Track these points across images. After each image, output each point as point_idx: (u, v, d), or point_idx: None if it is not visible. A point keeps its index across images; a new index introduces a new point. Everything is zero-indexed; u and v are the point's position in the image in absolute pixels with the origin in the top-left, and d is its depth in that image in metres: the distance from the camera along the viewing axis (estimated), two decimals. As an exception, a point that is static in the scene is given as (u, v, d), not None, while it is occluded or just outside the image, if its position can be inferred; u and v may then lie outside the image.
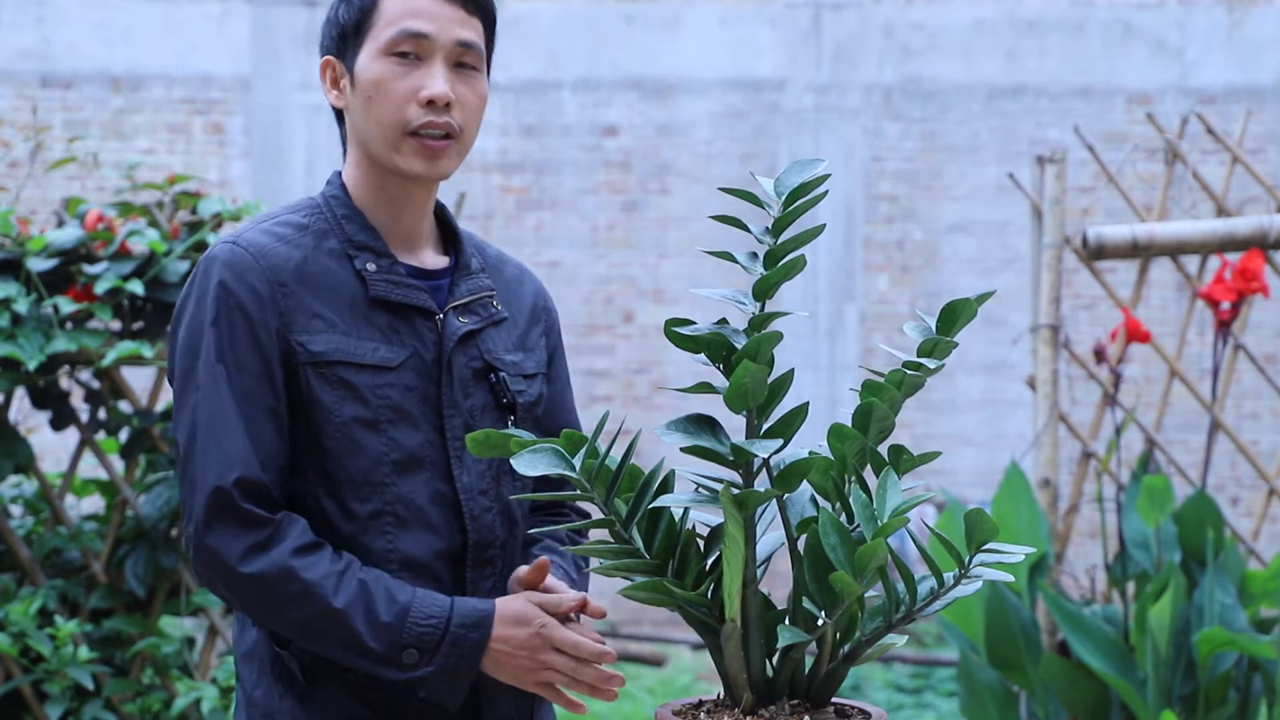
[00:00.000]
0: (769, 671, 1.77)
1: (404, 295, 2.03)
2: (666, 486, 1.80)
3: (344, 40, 2.05)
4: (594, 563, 2.18)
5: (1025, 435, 8.42)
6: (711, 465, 1.77)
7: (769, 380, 1.73)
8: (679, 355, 8.89)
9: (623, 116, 9.35)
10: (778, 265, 1.76)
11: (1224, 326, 4.37)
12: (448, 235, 2.16)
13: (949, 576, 1.72)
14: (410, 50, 2.00)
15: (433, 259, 2.12)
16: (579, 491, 1.77)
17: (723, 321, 1.77)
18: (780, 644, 1.72)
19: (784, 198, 1.78)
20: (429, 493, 2.01)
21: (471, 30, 2.04)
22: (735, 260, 1.78)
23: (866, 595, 1.75)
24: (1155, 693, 3.92)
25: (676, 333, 1.73)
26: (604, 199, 9.37)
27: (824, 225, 1.80)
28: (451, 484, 2.03)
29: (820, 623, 1.72)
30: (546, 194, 9.38)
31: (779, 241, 1.77)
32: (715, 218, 1.80)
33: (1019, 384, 8.78)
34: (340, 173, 2.12)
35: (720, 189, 1.80)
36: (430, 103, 2.00)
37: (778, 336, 1.71)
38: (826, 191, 1.78)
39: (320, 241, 2.03)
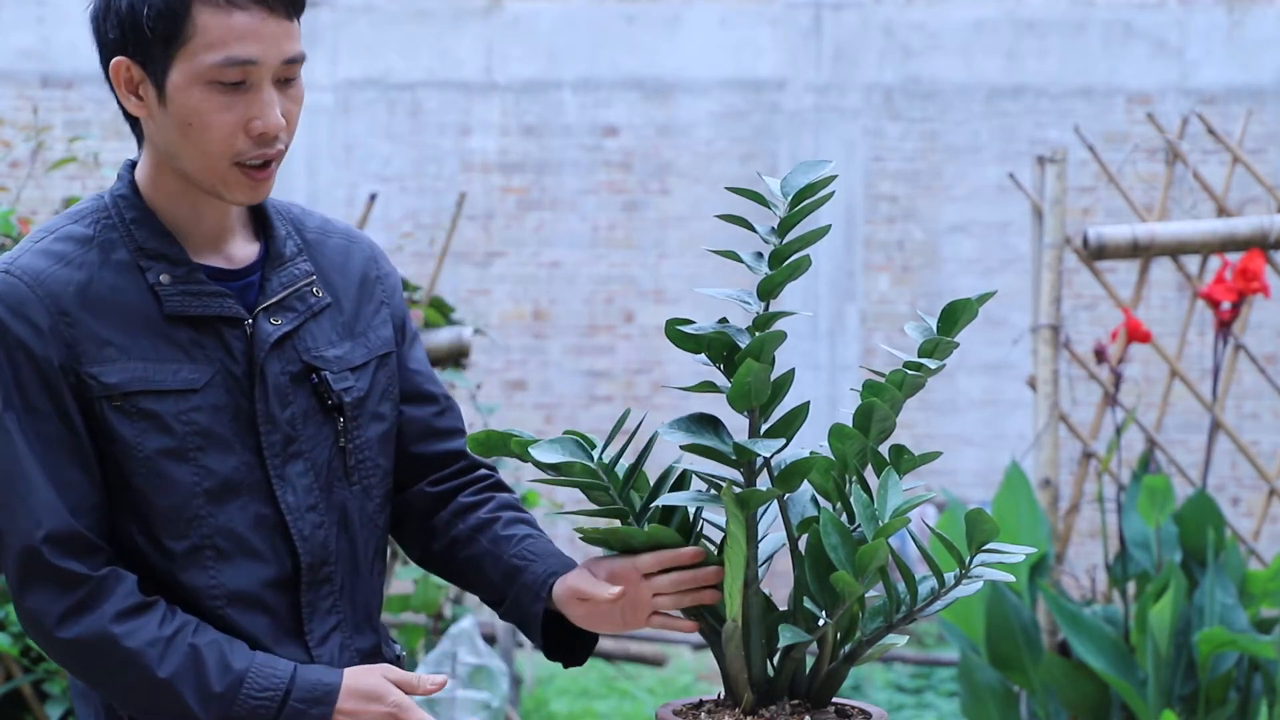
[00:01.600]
0: (770, 671, 1.77)
1: (204, 307, 1.83)
2: (682, 485, 1.81)
3: (144, 45, 1.78)
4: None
5: (1026, 435, 8.42)
6: (713, 464, 1.78)
7: (771, 380, 1.73)
8: (680, 355, 8.89)
9: (623, 116, 9.36)
10: (783, 265, 1.76)
11: (1224, 326, 4.37)
12: (259, 217, 1.94)
13: (950, 576, 1.72)
14: (238, 78, 1.77)
15: (242, 250, 1.90)
16: (592, 480, 1.79)
17: (724, 321, 1.77)
18: (781, 644, 1.73)
19: (790, 198, 1.78)
20: (249, 519, 1.84)
21: (295, 40, 1.81)
22: (741, 260, 1.79)
23: (867, 595, 1.75)
24: (1156, 693, 3.92)
25: (678, 332, 1.74)
26: (604, 199, 9.37)
27: (829, 226, 1.80)
28: (275, 505, 1.85)
29: (821, 623, 1.72)
30: (547, 194, 9.38)
31: (785, 241, 1.77)
32: (721, 217, 1.80)
33: (1019, 384, 8.78)
34: (133, 164, 1.90)
35: (728, 188, 1.80)
36: (261, 134, 1.79)
37: (782, 336, 1.71)
38: (833, 192, 1.78)
39: (107, 255, 1.82)
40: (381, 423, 1.95)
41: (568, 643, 1.96)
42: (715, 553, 1.80)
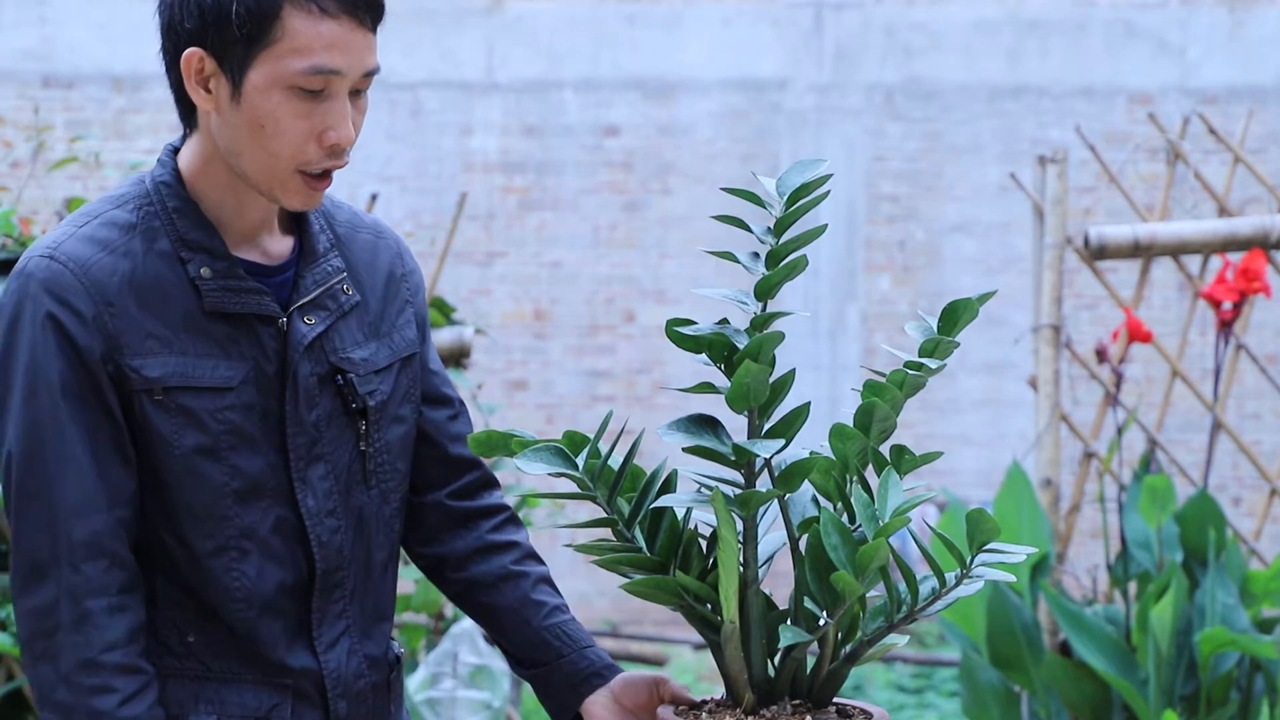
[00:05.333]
0: (770, 671, 1.77)
1: (242, 304, 1.81)
2: (669, 486, 1.80)
3: (225, 40, 1.75)
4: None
5: (1027, 435, 8.42)
6: (713, 465, 1.77)
7: (770, 380, 1.73)
8: (681, 355, 8.87)
9: (624, 116, 9.35)
10: (779, 265, 1.76)
11: (1226, 326, 4.37)
12: (294, 211, 1.91)
13: (951, 576, 1.72)
14: (319, 87, 1.76)
15: (277, 245, 1.89)
16: (580, 491, 1.77)
17: (724, 321, 1.76)
18: (782, 644, 1.72)
19: (786, 198, 1.78)
20: (271, 521, 1.83)
21: (375, 53, 1.80)
22: (737, 260, 1.78)
23: (868, 595, 1.75)
24: (1157, 693, 3.92)
25: (678, 332, 1.73)
26: (606, 199, 9.37)
27: (826, 225, 1.80)
28: (295, 509, 1.84)
29: (822, 623, 1.72)
30: (548, 194, 9.38)
31: (781, 241, 1.77)
32: (717, 218, 1.80)
33: (1020, 384, 8.77)
34: (175, 150, 1.87)
35: (723, 189, 1.80)
36: (333, 145, 1.78)
37: (780, 336, 1.71)
38: (828, 192, 1.77)
39: (150, 244, 1.80)
40: (401, 425, 1.94)
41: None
42: (705, 549, 1.80)
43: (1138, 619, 3.99)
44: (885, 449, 1.75)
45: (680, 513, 1.80)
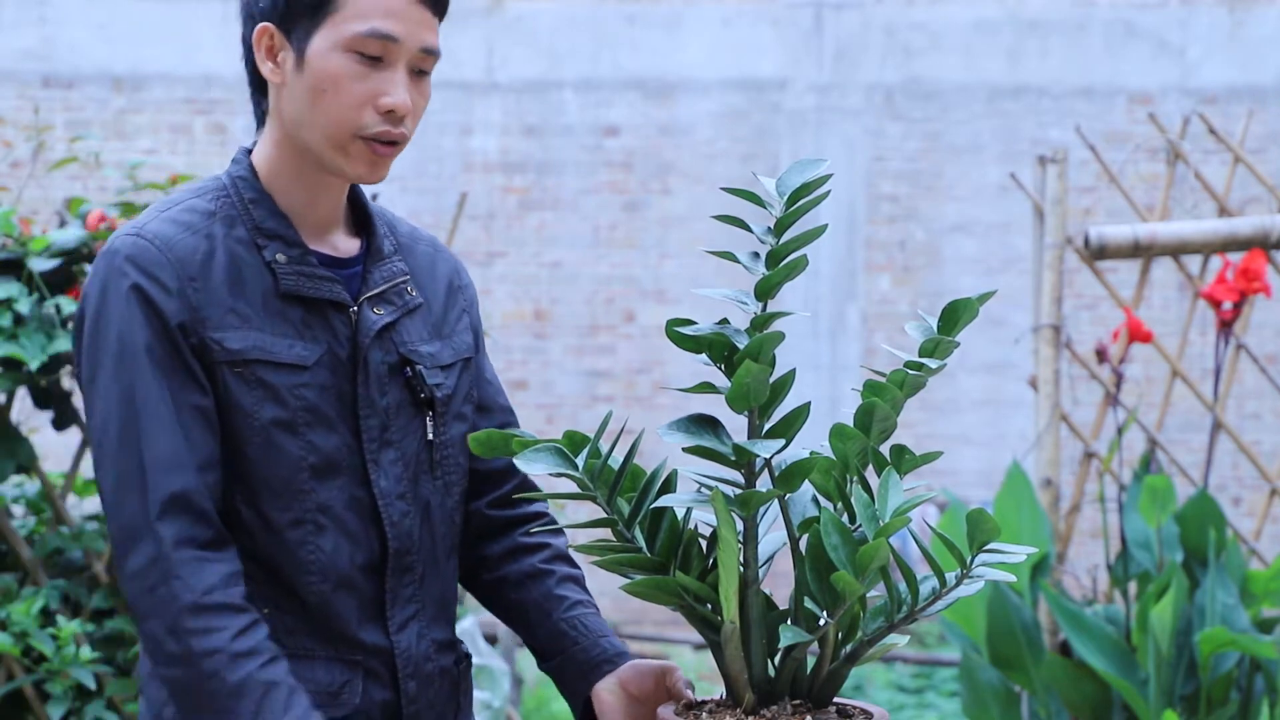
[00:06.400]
0: (771, 671, 1.77)
1: (316, 289, 1.90)
2: (669, 486, 1.80)
3: (293, 13, 1.87)
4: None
5: (1027, 435, 8.42)
6: (713, 465, 1.77)
7: (770, 380, 1.72)
8: (681, 355, 8.89)
9: (624, 116, 9.35)
10: (780, 265, 1.75)
11: (1226, 326, 4.37)
12: (359, 215, 2.02)
13: (951, 576, 1.72)
14: (377, 52, 1.86)
15: (345, 243, 1.98)
16: (580, 491, 1.77)
17: (724, 321, 1.76)
18: (782, 644, 1.72)
19: (786, 198, 1.78)
20: (346, 498, 1.90)
21: (434, 34, 1.90)
22: (737, 260, 1.78)
23: (868, 595, 1.75)
24: (1157, 693, 3.92)
25: (678, 332, 1.73)
26: (606, 199, 9.37)
27: (826, 225, 1.80)
28: (368, 489, 1.92)
29: (822, 622, 1.72)
30: (548, 194, 9.38)
31: (781, 241, 1.77)
32: (717, 217, 1.80)
33: (1021, 384, 8.78)
34: (249, 150, 1.98)
35: (723, 189, 1.80)
36: (389, 112, 1.86)
37: (780, 336, 1.71)
38: (829, 192, 1.77)
39: (229, 229, 1.89)
40: (463, 423, 2.03)
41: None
42: (705, 549, 1.79)
43: (1138, 619, 3.99)
44: (885, 449, 1.75)
45: (680, 513, 1.80)
